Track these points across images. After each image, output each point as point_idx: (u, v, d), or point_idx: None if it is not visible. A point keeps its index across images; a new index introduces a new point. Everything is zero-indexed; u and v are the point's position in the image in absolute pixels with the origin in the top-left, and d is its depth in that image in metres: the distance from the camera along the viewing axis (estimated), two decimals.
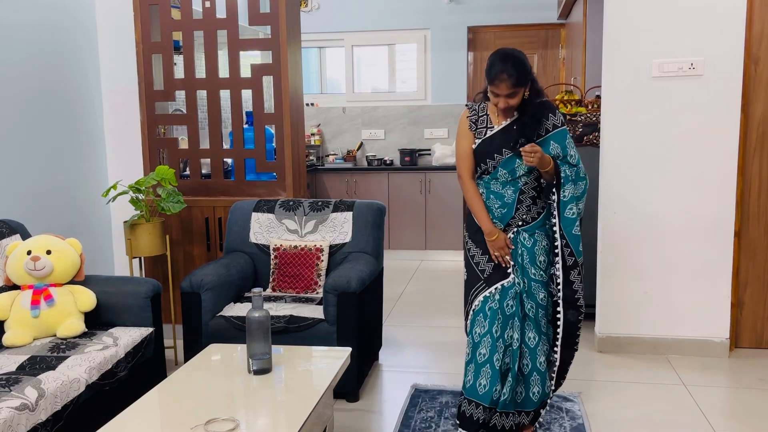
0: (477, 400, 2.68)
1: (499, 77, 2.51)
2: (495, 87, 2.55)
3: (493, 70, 2.53)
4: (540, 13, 6.71)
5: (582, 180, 2.67)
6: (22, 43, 3.71)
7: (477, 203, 2.72)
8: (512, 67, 2.51)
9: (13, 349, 2.74)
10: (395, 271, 5.81)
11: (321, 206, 3.72)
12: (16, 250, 2.95)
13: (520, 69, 2.52)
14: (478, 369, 2.68)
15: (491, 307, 2.66)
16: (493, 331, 2.64)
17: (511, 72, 2.50)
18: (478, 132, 2.70)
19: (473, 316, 2.71)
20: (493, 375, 2.65)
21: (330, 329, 3.15)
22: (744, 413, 3.13)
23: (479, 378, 2.67)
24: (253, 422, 2.14)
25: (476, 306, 2.70)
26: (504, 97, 2.55)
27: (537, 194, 2.70)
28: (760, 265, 3.83)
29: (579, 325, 2.75)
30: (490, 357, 2.65)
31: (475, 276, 2.74)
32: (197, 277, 3.29)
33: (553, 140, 2.65)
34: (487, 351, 2.65)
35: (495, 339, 2.65)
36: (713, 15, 3.58)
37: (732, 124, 3.64)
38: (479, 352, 2.67)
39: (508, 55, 2.54)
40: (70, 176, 4.12)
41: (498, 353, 2.65)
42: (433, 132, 7.04)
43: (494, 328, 2.65)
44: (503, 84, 2.52)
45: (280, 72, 4.00)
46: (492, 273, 2.70)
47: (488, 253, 2.71)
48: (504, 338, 2.65)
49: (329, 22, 7.06)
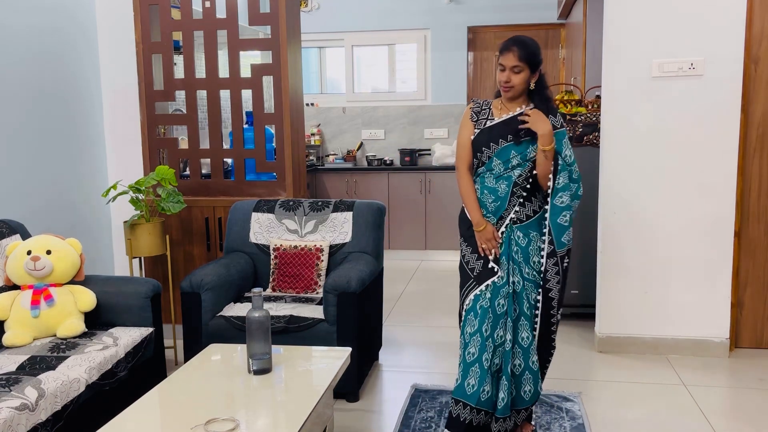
0: (464, 400, 2.65)
1: (508, 48, 2.62)
2: (503, 57, 2.64)
3: (505, 43, 2.66)
4: (540, 13, 6.71)
5: (575, 182, 2.68)
6: (22, 44, 3.71)
7: (470, 194, 2.74)
8: (522, 42, 2.63)
9: (13, 349, 2.74)
10: (395, 271, 5.81)
11: (321, 206, 3.72)
12: (16, 250, 2.95)
13: (531, 48, 2.63)
14: (466, 368, 2.66)
15: (482, 305, 2.65)
16: (482, 330, 2.63)
17: (520, 45, 2.62)
18: (479, 123, 2.74)
19: (465, 315, 2.71)
20: (481, 375, 2.63)
21: (330, 329, 3.15)
22: (744, 413, 3.13)
23: (467, 378, 2.65)
24: (253, 422, 2.14)
25: (467, 305, 2.70)
26: (509, 69, 2.62)
27: (531, 192, 2.70)
28: (760, 265, 3.83)
29: (553, 320, 2.73)
30: (479, 356, 2.63)
31: (466, 275, 2.74)
32: (197, 277, 3.29)
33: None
34: (476, 350, 2.64)
35: (485, 338, 2.63)
36: (713, 15, 3.58)
37: (732, 124, 3.64)
38: (468, 351, 2.66)
39: (519, 36, 2.69)
40: (70, 176, 4.12)
41: (487, 353, 2.63)
42: (433, 132, 7.04)
43: (484, 326, 2.63)
44: (510, 54, 2.61)
45: (280, 72, 4.00)
46: (482, 271, 2.69)
47: (478, 251, 2.71)
48: (494, 338, 2.64)
49: (329, 22, 7.06)
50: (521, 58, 2.60)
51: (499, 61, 2.66)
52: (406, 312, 4.77)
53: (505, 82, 2.64)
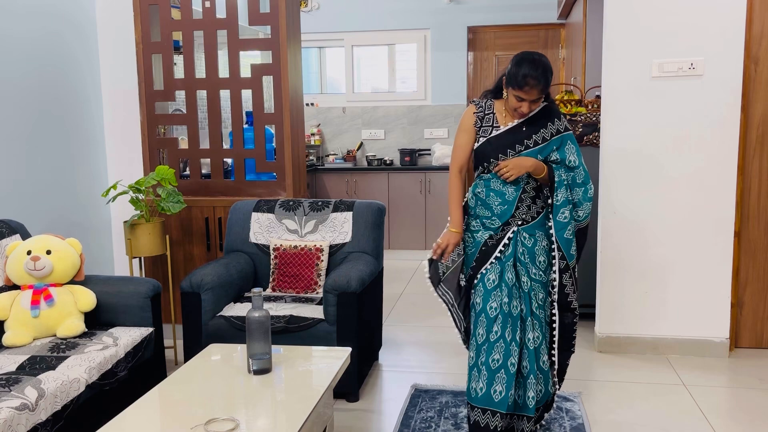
0: (493, 408, 2.60)
1: (530, 83, 2.49)
2: (524, 92, 2.52)
3: (523, 74, 2.49)
4: (540, 13, 6.71)
5: (580, 186, 2.66)
6: (22, 45, 3.71)
7: (457, 195, 2.73)
8: (542, 73, 2.50)
9: (13, 349, 2.74)
10: (395, 271, 5.82)
11: (321, 206, 3.72)
12: (16, 250, 2.95)
13: (550, 76, 2.53)
14: (491, 375, 2.60)
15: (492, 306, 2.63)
16: (505, 335, 2.60)
17: (541, 78, 2.50)
18: (483, 130, 2.69)
19: (476, 318, 2.69)
20: (508, 380, 2.58)
21: (330, 329, 3.15)
22: (744, 413, 3.13)
23: (493, 384, 2.59)
24: (253, 422, 2.14)
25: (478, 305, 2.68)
26: (529, 102, 2.55)
27: (537, 194, 2.69)
28: (760, 265, 3.83)
29: (575, 327, 2.75)
30: (504, 362, 2.59)
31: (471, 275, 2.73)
32: (197, 277, 3.29)
33: (555, 145, 2.65)
34: (501, 356, 2.60)
35: (508, 343, 2.59)
36: (713, 15, 3.58)
37: (732, 124, 3.64)
38: (492, 358, 2.60)
39: (537, 61, 2.52)
40: (70, 176, 4.12)
41: (513, 357, 2.59)
42: (433, 132, 7.04)
43: (506, 331, 2.61)
44: (534, 90, 2.51)
45: (280, 72, 4.00)
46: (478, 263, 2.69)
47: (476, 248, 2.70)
48: (516, 340, 2.61)
49: (329, 22, 7.06)
50: (542, 90, 2.53)
51: (522, 95, 2.53)
52: (406, 312, 4.77)
53: (525, 113, 2.59)
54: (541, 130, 2.64)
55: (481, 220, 2.71)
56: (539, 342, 2.67)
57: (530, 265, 2.67)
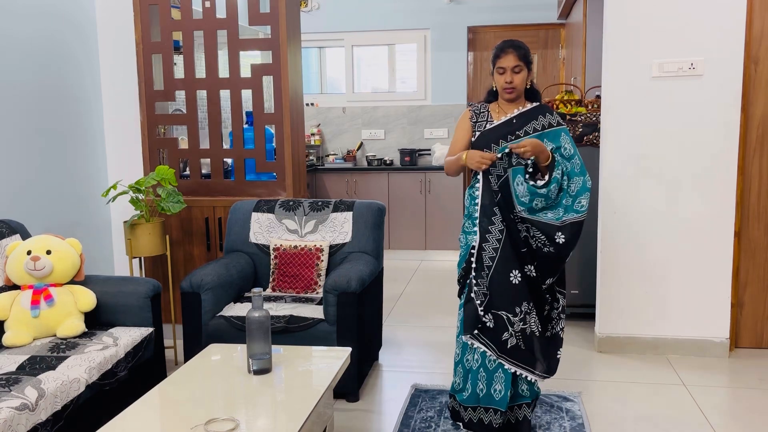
0: (494, 407, 2.70)
1: (506, 50, 2.70)
2: (501, 60, 2.70)
3: (498, 46, 2.74)
4: (540, 13, 6.71)
5: (579, 176, 2.67)
6: (22, 45, 3.71)
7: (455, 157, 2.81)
8: (514, 42, 2.73)
9: (13, 349, 2.74)
10: (395, 271, 5.82)
11: (321, 206, 3.72)
12: (16, 250, 2.95)
13: (525, 48, 2.73)
14: (490, 375, 2.69)
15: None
16: None
17: (516, 46, 2.71)
18: (478, 125, 2.80)
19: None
20: (506, 378, 2.68)
21: (330, 329, 3.15)
22: (744, 413, 3.13)
23: (493, 384, 2.69)
24: (253, 422, 2.14)
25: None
26: (510, 70, 2.69)
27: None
28: (760, 265, 3.83)
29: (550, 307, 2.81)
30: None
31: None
32: (197, 277, 3.29)
33: (546, 137, 2.70)
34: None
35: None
36: (713, 15, 3.58)
37: (732, 124, 3.64)
38: (489, 359, 2.69)
39: (512, 39, 2.79)
40: (70, 176, 4.12)
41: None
42: (433, 132, 7.04)
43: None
44: (510, 56, 2.69)
45: (280, 72, 4.00)
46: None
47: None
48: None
49: (329, 22, 7.06)
50: (520, 57, 2.69)
51: (499, 65, 2.72)
52: (406, 312, 4.77)
53: (509, 83, 2.70)
54: (532, 121, 2.74)
55: (473, 220, 2.75)
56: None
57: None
